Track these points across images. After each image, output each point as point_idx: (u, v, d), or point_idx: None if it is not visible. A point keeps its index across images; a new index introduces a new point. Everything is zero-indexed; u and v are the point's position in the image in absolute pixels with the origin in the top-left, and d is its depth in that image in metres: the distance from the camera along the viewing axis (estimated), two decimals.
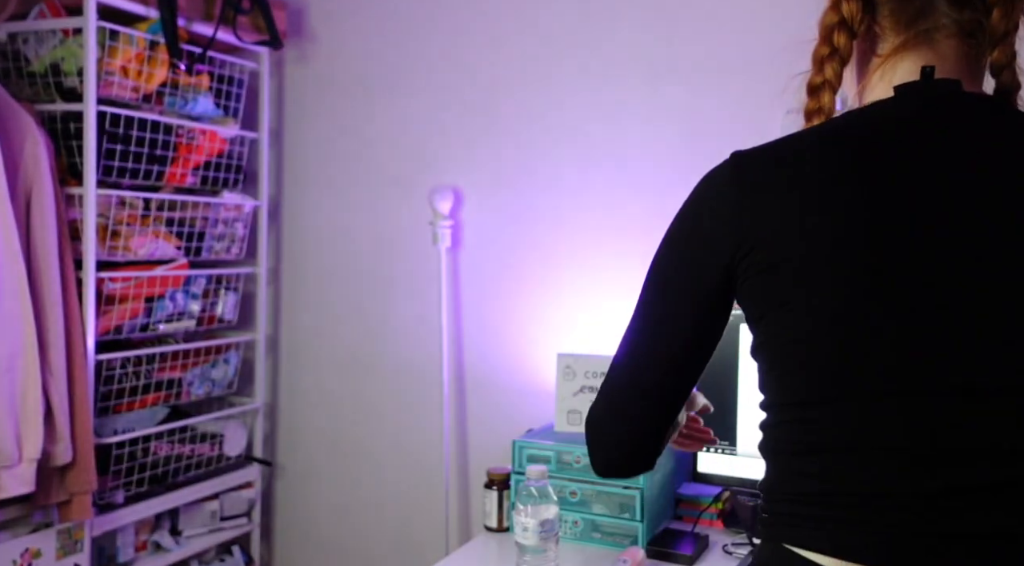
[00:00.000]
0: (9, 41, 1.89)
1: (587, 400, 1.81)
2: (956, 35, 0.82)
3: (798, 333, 0.78)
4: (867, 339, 0.74)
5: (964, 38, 0.82)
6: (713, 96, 1.89)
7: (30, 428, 1.68)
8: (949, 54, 0.82)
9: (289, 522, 2.44)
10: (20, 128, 1.73)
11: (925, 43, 0.82)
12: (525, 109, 2.09)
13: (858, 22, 0.84)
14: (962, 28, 0.81)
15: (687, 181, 1.97)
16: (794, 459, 0.79)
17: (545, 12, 2.06)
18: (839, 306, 0.75)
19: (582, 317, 2.02)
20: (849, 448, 0.75)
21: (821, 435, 0.77)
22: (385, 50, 2.26)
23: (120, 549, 2.00)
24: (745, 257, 0.81)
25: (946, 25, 0.82)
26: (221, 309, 2.23)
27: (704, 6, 1.90)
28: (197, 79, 2.07)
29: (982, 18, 0.81)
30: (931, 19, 0.82)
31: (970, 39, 0.82)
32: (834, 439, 0.76)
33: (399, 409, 2.26)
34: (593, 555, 1.61)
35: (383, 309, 2.28)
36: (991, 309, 0.73)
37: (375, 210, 2.28)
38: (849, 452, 0.75)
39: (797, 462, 0.79)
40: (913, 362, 0.73)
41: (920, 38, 0.82)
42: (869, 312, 0.74)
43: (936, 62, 0.81)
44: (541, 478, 1.51)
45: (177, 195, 2.08)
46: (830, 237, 0.76)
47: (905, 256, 0.74)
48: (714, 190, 0.88)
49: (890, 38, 0.84)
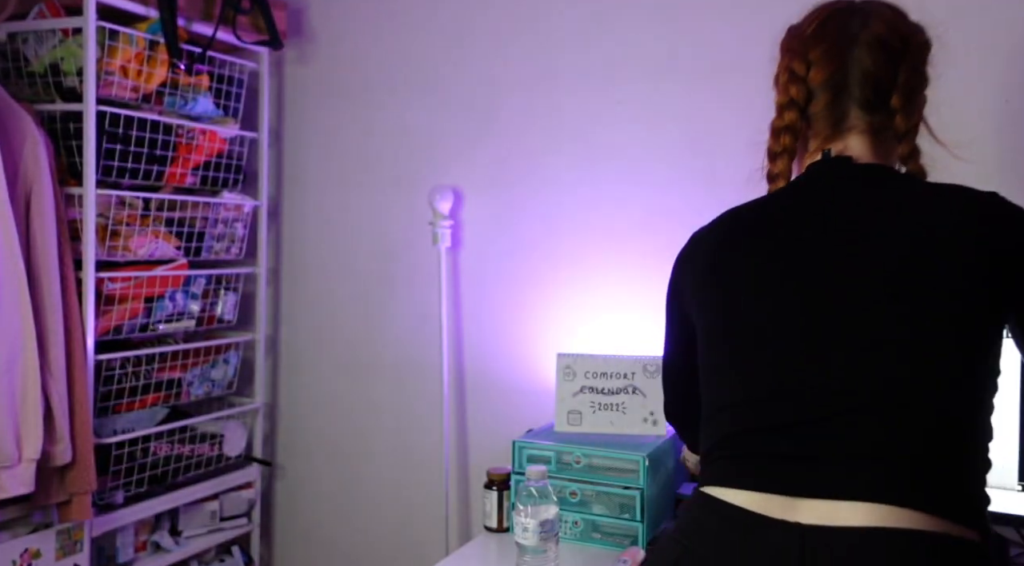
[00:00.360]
0: (9, 41, 1.89)
1: (587, 400, 1.81)
2: (867, 132, 1.09)
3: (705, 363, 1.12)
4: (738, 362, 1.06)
5: (873, 135, 1.09)
6: (713, 96, 1.89)
7: (30, 428, 1.68)
8: (861, 147, 1.09)
9: (289, 522, 2.44)
10: (20, 128, 1.73)
11: (842, 139, 1.10)
12: (525, 109, 2.09)
13: (798, 128, 1.12)
14: (872, 127, 1.09)
15: (687, 181, 1.98)
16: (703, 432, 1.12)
17: (545, 12, 2.06)
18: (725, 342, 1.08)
19: (582, 317, 2.02)
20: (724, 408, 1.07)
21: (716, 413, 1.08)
22: (385, 50, 2.26)
23: (120, 549, 2.00)
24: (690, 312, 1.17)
25: (858, 125, 1.09)
26: (221, 309, 2.22)
27: (704, 6, 1.90)
28: (197, 79, 2.07)
29: (888, 121, 1.08)
30: (848, 122, 1.09)
31: (878, 136, 1.09)
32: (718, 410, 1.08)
33: (399, 409, 2.26)
34: (593, 555, 1.61)
35: (383, 309, 2.28)
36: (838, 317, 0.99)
37: (375, 210, 2.28)
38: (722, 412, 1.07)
39: (703, 433, 1.11)
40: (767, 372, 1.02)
41: (839, 135, 1.10)
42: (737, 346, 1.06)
43: (850, 153, 1.09)
44: (541, 478, 1.51)
45: (177, 195, 2.08)
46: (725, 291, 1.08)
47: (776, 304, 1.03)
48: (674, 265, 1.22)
49: (819, 137, 1.12)
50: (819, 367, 0.98)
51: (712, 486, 1.03)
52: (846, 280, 0.99)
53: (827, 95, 1.09)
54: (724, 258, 1.09)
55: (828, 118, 1.10)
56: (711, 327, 1.09)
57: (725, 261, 1.08)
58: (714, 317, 1.08)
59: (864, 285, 0.98)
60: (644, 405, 1.78)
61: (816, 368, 0.98)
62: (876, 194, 1.03)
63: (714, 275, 1.09)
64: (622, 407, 1.79)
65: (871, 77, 1.08)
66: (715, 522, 1.00)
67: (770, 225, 1.07)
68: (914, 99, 1.10)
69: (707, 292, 1.10)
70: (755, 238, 1.07)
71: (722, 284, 1.08)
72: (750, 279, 1.06)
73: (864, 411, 0.95)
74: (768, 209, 1.10)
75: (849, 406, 0.96)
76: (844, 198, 1.04)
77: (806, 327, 1.00)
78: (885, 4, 1.13)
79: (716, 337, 1.08)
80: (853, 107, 1.09)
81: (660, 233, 1.94)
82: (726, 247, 1.09)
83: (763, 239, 1.06)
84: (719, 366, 1.08)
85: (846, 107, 1.09)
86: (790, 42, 1.15)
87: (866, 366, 0.96)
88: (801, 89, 1.11)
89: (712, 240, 1.13)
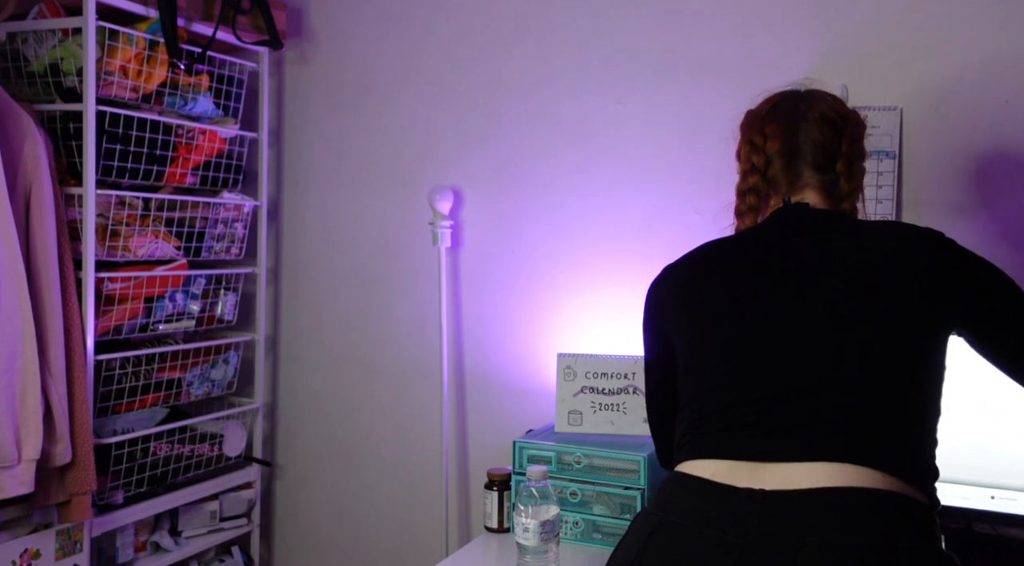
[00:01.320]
0: (8, 41, 1.88)
1: (587, 400, 1.81)
2: (819, 189, 1.28)
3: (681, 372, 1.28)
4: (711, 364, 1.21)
5: (823, 192, 1.28)
6: (713, 96, 1.88)
7: (29, 428, 1.68)
8: (815, 199, 1.27)
9: (289, 522, 2.44)
10: (20, 128, 1.73)
11: (799, 194, 1.28)
12: (525, 110, 2.08)
13: (760, 189, 1.30)
14: (823, 184, 1.28)
15: (686, 181, 1.98)
16: (678, 424, 1.24)
17: (545, 12, 2.06)
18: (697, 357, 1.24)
19: (582, 317, 2.02)
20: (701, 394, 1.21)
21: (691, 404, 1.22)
22: (385, 50, 2.25)
23: (119, 549, 2.00)
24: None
25: (811, 183, 1.28)
26: (221, 309, 2.22)
27: (704, 6, 1.90)
28: (197, 79, 2.07)
29: (834, 182, 1.28)
30: (802, 180, 1.28)
31: (827, 193, 1.28)
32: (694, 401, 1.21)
33: (399, 409, 2.26)
34: (594, 556, 1.61)
35: (383, 309, 2.27)
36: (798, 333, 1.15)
37: (375, 210, 2.28)
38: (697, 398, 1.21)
39: (678, 425, 1.23)
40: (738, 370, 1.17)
41: (795, 191, 1.28)
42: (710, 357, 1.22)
43: (806, 200, 1.27)
44: (542, 479, 1.50)
45: (177, 195, 2.08)
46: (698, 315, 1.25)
47: (738, 325, 1.19)
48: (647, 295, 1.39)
49: (779, 194, 1.29)
50: (783, 357, 1.14)
51: (685, 462, 1.15)
52: (808, 291, 1.16)
53: (783, 160, 1.29)
54: (698, 285, 1.27)
55: (785, 178, 1.29)
56: (687, 339, 1.25)
57: (699, 287, 1.27)
58: (689, 331, 1.25)
59: (824, 294, 1.15)
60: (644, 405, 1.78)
61: (781, 358, 1.14)
62: (831, 228, 1.22)
63: (687, 301, 1.27)
64: (622, 407, 1.79)
65: (819, 144, 1.28)
66: (687, 495, 1.11)
67: (741, 251, 1.28)
68: (854, 166, 1.29)
69: (681, 315, 1.27)
70: (728, 262, 1.27)
71: (695, 307, 1.25)
72: (724, 294, 1.23)
73: (824, 387, 1.10)
74: (741, 242, 1.30)
75: (809, 384, 1.11)
76: (803, 231, 1.23)
77: (771, 328, 1.16)
78: (824, 92, 1.34)
79: (691, 346, 1.24)
80: (806, 168, 1.28)
81: (660, 233, 1.94)
82: (701, 275, 1.28)
83: (738, 264, 1.25)
84: (691, 366, 1.23)
85: (800, 169, 1.28)
86: (749, 122, 1.35)
87: (826, 352, 1.12)
88: (761, 156, 1.30)
89: (686, 270, 1.31)
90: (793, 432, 1.08)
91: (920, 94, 1.72)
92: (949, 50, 1.70)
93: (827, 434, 1.07)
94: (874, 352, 1.10)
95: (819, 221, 1.24)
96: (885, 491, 1.03)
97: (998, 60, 1.67)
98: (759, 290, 1.20)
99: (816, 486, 1.03)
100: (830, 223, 1.24)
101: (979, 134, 1.68)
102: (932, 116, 1.71)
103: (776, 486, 1.04)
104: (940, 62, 1.71)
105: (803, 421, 1.09)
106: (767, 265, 1.22)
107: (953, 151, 1.71)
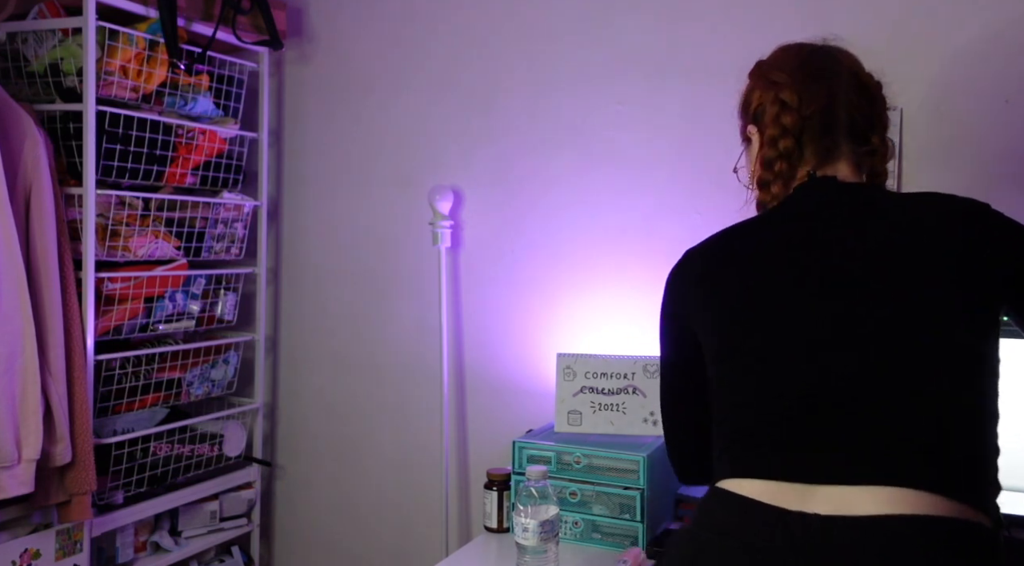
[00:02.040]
0: (8, 41, 1.88)
1: (587, 400, 1.81)
2: (851, 163, 1.17)
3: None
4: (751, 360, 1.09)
5: (854, 166, 1.17)
6: (714, 96, 1.88)
7: (29, 428, 1.68)
8: (846, 172, 1.16)
9: (289, 523, 2.44)
10: (19, 128, 1.73)
11: (831, 166, 1.16)
12: (525, 109, 2.08)
13: (793, 156, 1.16)
14: (855, 158, 1.17)
15: (686, 181, 1.98)
16: (716, 432, 1.13)
17: (545, 12, 2.06)
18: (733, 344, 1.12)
19: (582, 317, 2.02)
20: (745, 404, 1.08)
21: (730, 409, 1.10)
22: (385, 50, 2.25)
23: (119, 550, 2.00)
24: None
25: (845, 156, 1.17)
26: (221, 309, 2.22)
27: (704, 6, 1.90)
28: (197, 79, 2.07)
29: (869, 155, 1.18)
30: (837, 151, 1.16)
31: (858, 168, 1.18)
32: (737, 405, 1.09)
33: (399, 409, 2.26)
34: (593, 556, 1.61)
35: (383, 309, 2.27)
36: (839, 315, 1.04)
37: (375, 210, 2.28)
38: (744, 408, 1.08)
39: (717, 433, 1.13)
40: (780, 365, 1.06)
41: (827, 163, 1.16)
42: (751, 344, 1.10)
43: (835, 174, 1.16)
44: (541, 479, 1.50)
45: (177, 195, 2.08)
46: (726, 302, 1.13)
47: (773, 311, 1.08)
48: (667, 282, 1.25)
49: (807, 164, 1.17)
50: (829, 363, 1.02)
51: (727, 479, 1.04)
52: (847, 284, 1.05)
53: (818, 125, 1.16)
54: (725, 277, 1.14)
55: (818, 146, 1.16)
56: (721, 339, 1.12)
57: (726, 279, 1.13)
58: (722, 330, 1.12)
59: (865, 287, 1.03)
60: (644, 405, 1.78)
61: (826, 365, 1.02)
62: (865, 206, 1.11)
63: (714, 294, 1.14)
64: (622, 407, 1.79)
65: (858, 111, 1.17)
66: (734, 515, 1.01)
67: (771, 239, 1.13)
68: (886, 137, 1.20)
69: (711, 307, 1.14)
70: (758, 251, 1.13)
71: (722, 303, 1.13)
72: (757, 291, 1.10)
73: (875, 400, 0.99)
74: (765, 225, 1.16)
75: (859, 396, 0.99)
76: (836, 211, 1.11)
77: (814, 329, 1.04)
78: (849, 51, 1.23)
79: (726, 348, 1.11)
80: (842, 138, 1.16)
81: (660, 233, 1.94)
82: (726, 265, 1.15)
83: (765, 253, 1.12)
84: (731, 371, 1.10)
85: (836, 137, 1.16)
86: (770, 74, 1.21)
87: (874, 359, 1.00)
88: (793, 117, 1.16)
89: (711, 257, 1.18)
90: (844, 450, 0.98)
91: (920, 94, 1.72)
92: (949, 50, 1.70)
93: (883, 453, 0.97)
94: (928, 356, 0.99)
95: (856, 198, 1.12)
96: (953, 520, 0.94)
97: (998, 60, 1.67)
98: (797, 285, 1.07)
99: (878, 513, 0.94)
100: (866, 200, 1.12)
101: (979, 134, 1.68)
102: (932, 116, 1.71)
103: (831, 511, 0.95)
104: (940, 62, 1.71)
105: (854, 438, 0.98)
106: (801, 255, 1.09)
107: (953, 151, 1.70)
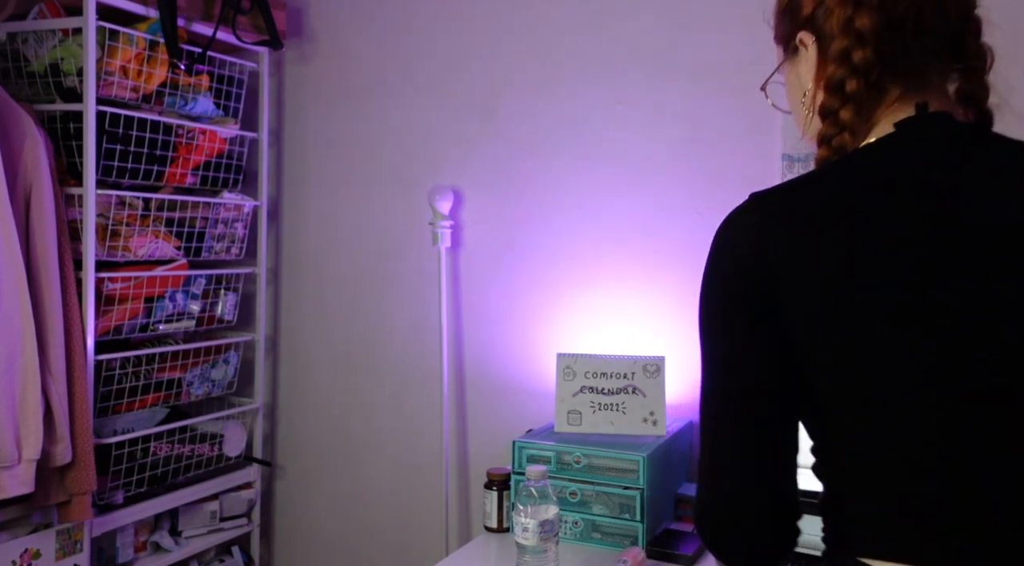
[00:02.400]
0: (9, 41, 1.88)
1: (587, 400, 1.81)
2: (946, 93, 0.90)
3: None
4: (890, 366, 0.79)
5: (953, 96, 0.90)
6: (714, 96, 1.89)
7: (29, 428, 1.68)
8: (944, 104, 0.88)
9: (289, 522, 2.44)
10: (20, 128, 1.73)
11: (922, 93, 0.87)
12: (525, 109, 2.08)
13: (872, 72, 0.85)
14: (946, 81, 0.90)
15: (686, 181, 1.98)
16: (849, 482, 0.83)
17: (545, 12, 2.06)
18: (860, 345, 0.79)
19: (582, 317, 2.02)
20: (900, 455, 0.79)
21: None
22: (385, 50, 2.25)
23: (119, 549, 2.00)
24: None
25: (940, 81, 0.89)
26: (221, 309, 2.22)
27: (705, 6, 1.90)
28: (197, 79, 2.07)
29: (973, 79, 0.91)
30: (928, 74, 0.87)
31: (958, 100, 0.91)
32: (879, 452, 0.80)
33: (399, 409, 2.26)
34: (593, 556, 1.61)
35: (383, 309, 2.27)
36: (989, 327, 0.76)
37: (375, 210, 2.28)
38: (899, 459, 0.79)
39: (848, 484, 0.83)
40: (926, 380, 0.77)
41: (918, 92, 0.86)
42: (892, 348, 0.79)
43: (940, 107, 0.87)
44: (541, 478, 1.51)
45: (177, 195, 2.08)
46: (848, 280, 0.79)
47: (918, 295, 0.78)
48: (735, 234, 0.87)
49: (893, 90, 0.87)
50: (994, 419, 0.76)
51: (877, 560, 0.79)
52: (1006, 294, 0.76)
53: (911, 32, 0.84)
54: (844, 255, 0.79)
55: (903, 66, 0.85)
56: (841, 353, 0.79)
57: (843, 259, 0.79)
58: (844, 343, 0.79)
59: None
60: (644, 405, 1.78)
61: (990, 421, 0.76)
62: (1005, 164, 0.81)
63: (826, 278, 0.79)
64: (622, 407, 1.79)
65: (958, 17, 0.87)
66: None
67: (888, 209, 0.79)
68: (984, 46, 0.92)
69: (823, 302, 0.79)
70: (877, 231, 0.79)
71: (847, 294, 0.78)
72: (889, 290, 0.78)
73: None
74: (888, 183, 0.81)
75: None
76: (971, 172, 0.80)
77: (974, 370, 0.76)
78: None
79: (844, 380, 0.80)
80: (932, 55, 0.86)
81: (660, 233, 1.94)
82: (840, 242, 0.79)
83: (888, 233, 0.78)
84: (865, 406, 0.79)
85: (926, 55, 0.86)
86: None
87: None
88: (871, 18, 0.83)
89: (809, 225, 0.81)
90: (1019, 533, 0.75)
91: None
92: None
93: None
94: None
95: (996, 153, 0.83)
96: None
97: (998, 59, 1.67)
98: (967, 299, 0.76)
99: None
100: (1007, 155, 0.83)
101: None
102: None
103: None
104: None
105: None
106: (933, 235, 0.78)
107: None
